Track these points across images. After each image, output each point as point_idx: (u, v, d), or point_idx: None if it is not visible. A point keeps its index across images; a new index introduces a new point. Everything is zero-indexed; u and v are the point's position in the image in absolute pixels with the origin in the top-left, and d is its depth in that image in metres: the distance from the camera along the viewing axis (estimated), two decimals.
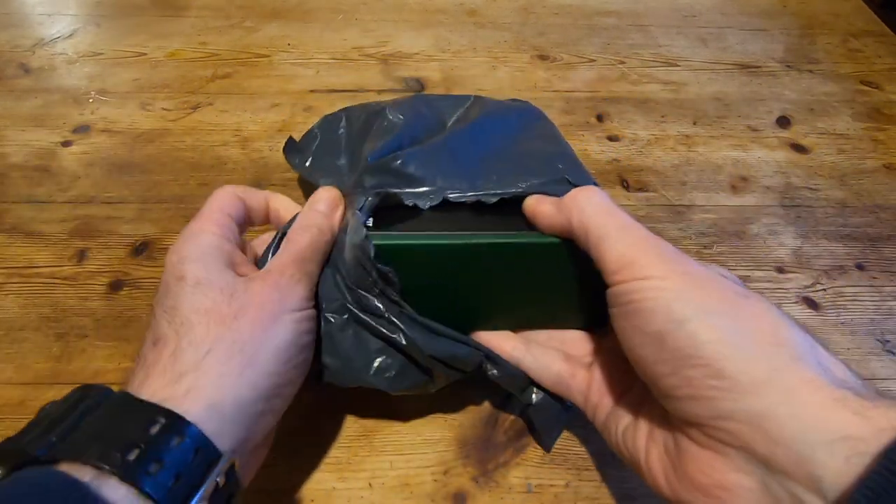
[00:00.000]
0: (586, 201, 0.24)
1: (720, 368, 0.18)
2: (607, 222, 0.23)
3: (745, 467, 0.18)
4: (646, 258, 0.21)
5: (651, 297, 0.20)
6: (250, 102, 0.50)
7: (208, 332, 0.22)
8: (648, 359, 0.21)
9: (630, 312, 0.21)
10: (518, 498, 0.29)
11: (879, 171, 0.46)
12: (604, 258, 0.22)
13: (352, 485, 0.29)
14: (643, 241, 0.22)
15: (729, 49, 0.58)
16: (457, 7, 0.63)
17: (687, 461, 0.20)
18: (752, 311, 0.20)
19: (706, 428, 0.19)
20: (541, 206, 0.26)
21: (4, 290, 0.36)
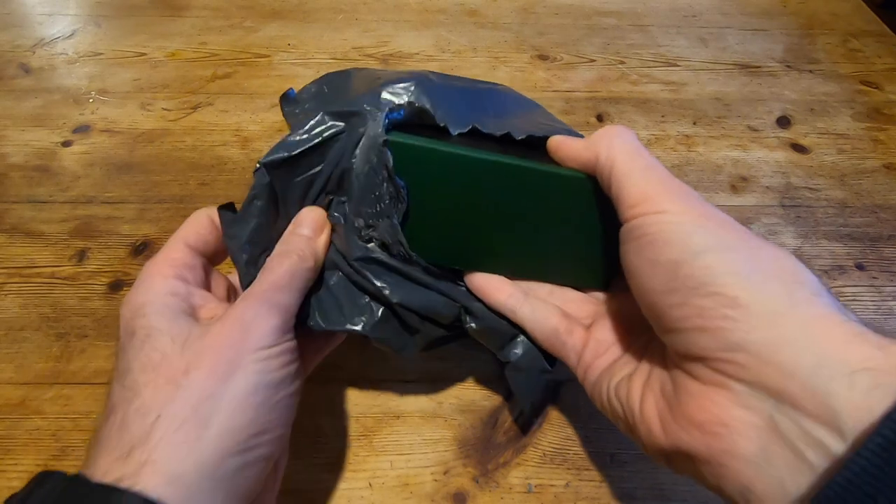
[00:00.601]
0: (617, 137, 0.24)
1: (734, 297, 0.18)
2: (633, 159, 0.22)
3: (751, 402, 0.17)
4: (666, 194, 0.21)
5: (668, 228, 0.20)
6: (250, 102, 0.50)
7: (156, 394, 0.20)
8: (658, 288, 0.20)
9: (644, 245, 0.20)
10: (518, 498, 0.29)
11: (879, 171, 0.46)
12: (623, 193, 0.22)
13: (352, 485, 0.29)
14: (666, 181, 0.22)
15: (729, 49, 0.58)
16: (457, 7, 0.63)
17: (686, 399, 0.19)
18: (771, 252, 0.19)
19: (712, 361, 0.18)
20: (567, 141, 0.26)
21: (4, 290, 0.36)
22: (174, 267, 0.24)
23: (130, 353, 0.21)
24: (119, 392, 0.20)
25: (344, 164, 0.27)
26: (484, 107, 0.31)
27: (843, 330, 0.17)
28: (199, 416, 0.19)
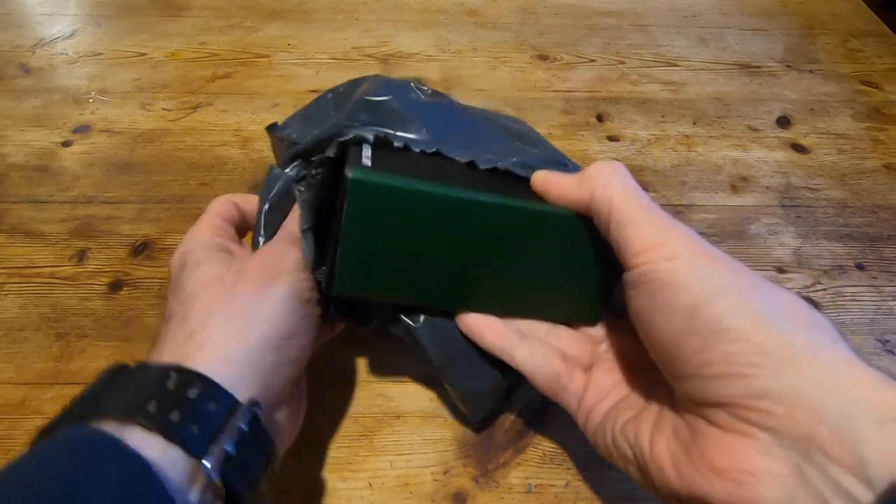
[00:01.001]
0: (610, 177, 0.23)
1: (760, 343, 0.17)
2: (632, 202, 0.22)
3: (776, 451, 0.17)
4: (674, 241, 0.20)
5: (682, 273, 0.20)
6: (250, 102, 0.50)
7: (212, 297, 0.24)
8: (675, 333, 0.19)
9: (656, 289, 0.20)
10: (518, 498, 0.29)
11: (879, 171, 0.46)
12: (627, 239, 0.21)
13: (352, 485, 0.29)
14: (670, 224, 0.21)
15: (729, 49, 0.58)
16: (457, 7, 0.63)
17: (704, 445, 0.19)
18: (785, 295, 0.19)
19: (735, 408, 0.18)
20: (555, 178, 0.25)
21: (4, 290, 0.36)
22: (215, 227, 0.28)
23: (183, 277, 0.25)
24: (175, 304, 0.25)
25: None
26: (467, 122, 0.30)
27: (868, 375, 0.17)
28: (249, 311, 0.24)
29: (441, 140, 0.28)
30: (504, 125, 0.33)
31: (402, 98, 0.29)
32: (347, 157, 0.24)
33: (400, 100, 0.29)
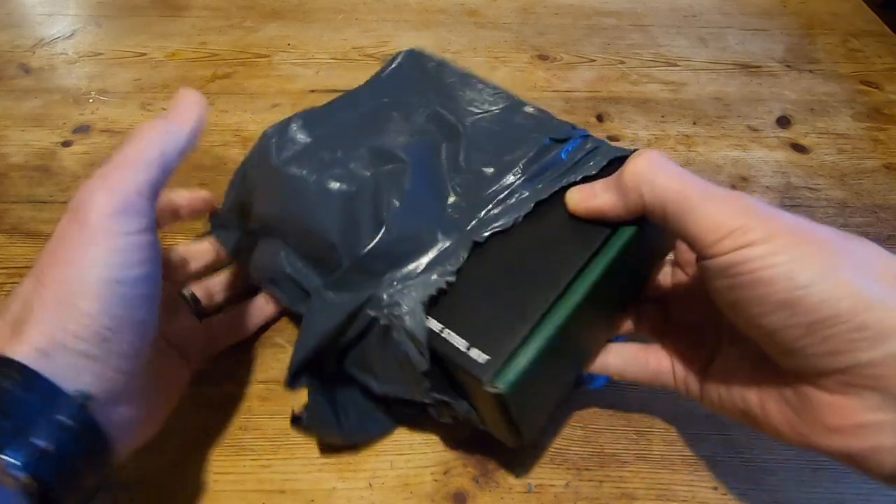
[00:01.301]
0: (653, 173, 0.22)
1: (861, 321, 0.18)
2: (685, 190, 0.21)
3: (885, 405, 0.19)
4: (742, 222, 0.20)
5: (767, 265, 0.19)
6: (250, 102, 0.50)
7: (26, 282, 0.22)
8: (776, 325, 0.20)
9: (745, 284, 0.20)
10: (518, 498, 0.29)
11: (879, 171, 0.46)
12: (694, 230, 0.21)
13: (352, 485, 0.29)
14: (732, 203, 0.21)
15: (729, 49, 0.58)
16: (457, 7, 0.63)
17: (815, 408, 0.20)
18: (863, 253, 0.20)
19: (843, 377, 0.19)
20: (595, 197, 0.25)
21: (4, 291, 0.36)
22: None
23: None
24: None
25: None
26: (440, 171, 0.30)
27: None
28: (57, 301, 0.20)
29: (445, 228, 0.27)
30: (487, 130, 0.32)
31: (393, 227, 0.27)
32: (443, 353, 0.24)
33: (393, 235, 0.27)
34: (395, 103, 0.33)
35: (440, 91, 0.34)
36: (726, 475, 0.29)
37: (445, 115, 0.32)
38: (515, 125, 0.32)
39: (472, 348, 0.23)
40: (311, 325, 0.26)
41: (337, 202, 0.28)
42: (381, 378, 0.27)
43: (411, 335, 0.24)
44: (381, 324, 0.25)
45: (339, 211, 0.27)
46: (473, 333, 0.24)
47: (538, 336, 0.23)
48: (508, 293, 0.25)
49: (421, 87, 0.34)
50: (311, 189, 0.28)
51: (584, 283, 0.24)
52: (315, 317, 0.26)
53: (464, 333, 0.24)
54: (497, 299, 0.25)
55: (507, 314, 0.24)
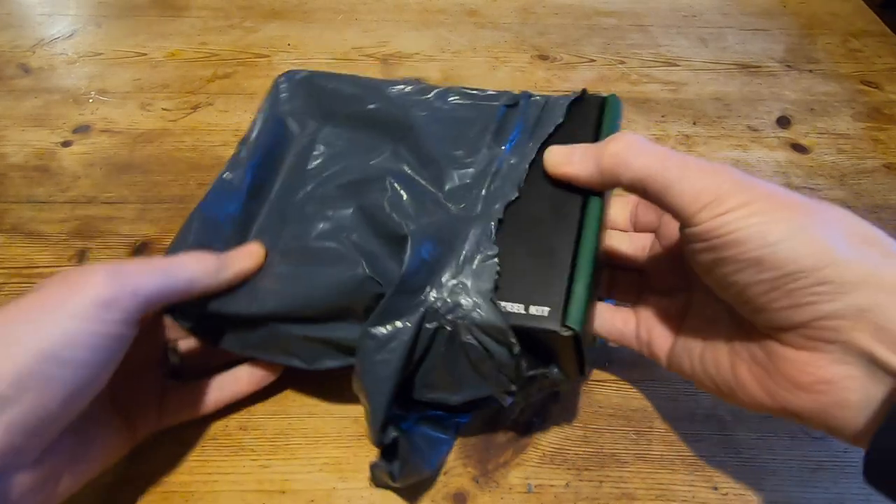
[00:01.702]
0: (630, 154, 0.23)
1: (823, 275, 0.19)
2: (664, 167, 0.22)
3: (847, 358, 0.19)
4: (722, 190, 0.21)
5: (741, 226, 0.20)
6: (250, 102, 0.50)
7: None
8: (745, 281, 0.21)
9: (720, 245, 0.21)
10: (518, 498, 0.29)
11: (879, 171, 0.46)
12: (676, 202, 0.22)
13: (352, 485, 0.29)
14: (710, 174, 0.22)
15: (729, 49, 0.58)
16: (457, 7, 0.63)
17: (783, 364, 0.21)
18: (834, 215, 0.21)
19: (805, 330, 0.20)
20: (571, 164, 0.26)
21: (4, 291, 0.36)
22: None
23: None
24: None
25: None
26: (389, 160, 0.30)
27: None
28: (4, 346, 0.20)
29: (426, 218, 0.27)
30: (434, 117, 0.31)
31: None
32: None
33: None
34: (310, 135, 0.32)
35: (357, 99, 0.33)
36: (726, 475, 0.29)
37: (389, 115, 0.31)
38: (458, 105, 0.32)
39: (530, 307, 0.24)
40: (376, 369, 0.24)
41: (346, 253, 0.27)
42: (459, 387, 0.26)
43: (486, 327, 0.24)
44: (446, 331, 0.25)
45: (351, 256, 0.26)
46: (522, 295, 0.24)
47: (579, 273, 0.24)
48: (530, 248, 0.25)
49: (331, 104, 0.33)
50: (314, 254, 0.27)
51: (591, 227, 0.26)
52: (376, 357, 0.24)
53: (513, 298, 0.24)
54: (522, 258, 0.25)
55: (539, 267, 0.25)
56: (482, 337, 0.24)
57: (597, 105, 0.30)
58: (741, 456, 0.30)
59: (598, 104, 0.30)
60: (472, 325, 0.24)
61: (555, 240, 0.25)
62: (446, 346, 0.25)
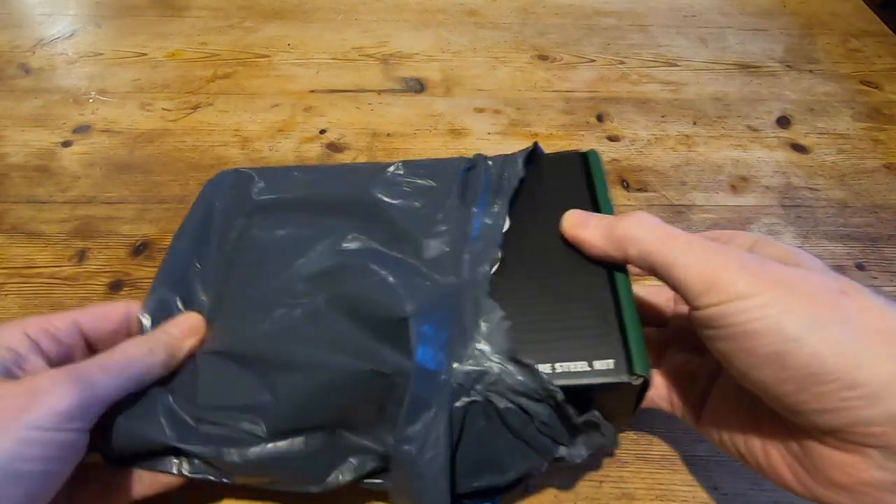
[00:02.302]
0: (640, 231, 0.23)
1: (852, 379, 0.18)
2: (670, 247, 0.22)
3: (889, 464, 0.18)
4: (729, 274, 0.20)
5: (755, 317, 0.19)
6: (250, 102, 0.50)
7: None
8: (768, 380, 0.20)
9: (736, 335, 0.20)
10: (518, 498, 0.29)
11: (879, 171, 0.46)
12: (681, 283, 0.21)
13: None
14: (717, 256, 0.21)
15: (729, 49, 0.58)
16: (457, 7, 0.63)
17: (821, 463, 0.20)
18: (857, 306, 0.19)
19: (843, 434, 0.19)
20: (586, 228, 0.25)
21: (4, 290, 0.36)
22: (42, 329, 0.23)
23: None
24: None
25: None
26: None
27: None
28: None
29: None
30: (390, 192, 0.30)
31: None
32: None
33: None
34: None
35: (305, 185, 0.31)
36: (726, 475, 0.29)
37: (346, 197, 0.30)
38: (416, 175, 0.30)
39: (594, 362, 0.23)
40: (425, 472, 0.22)
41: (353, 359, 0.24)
42: (505, 465, 0.24)
43: (519, 387, 0.22)
44: (479, 405, 0.23)
45: (348, 351, 0.24)
46: (579, 351, 0.23)
47: (627, 319, 0.23)
48: (564, 304, 0.24)
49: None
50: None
51: (621, 272, 0.25)
52: (423, 459, 0.22)
53: (573, 357, 0.23)
54: (559, 314, 0.24)
55: (584, 320, 0.24)
56: (518, 399, 0.23)
57: (579, 162, 0.30)
58: None
59: (580, 161, 0.30)
60: (505, 389, 0.22)
61: (588, 291, 0.24)
62: (484, 422, 0.23)
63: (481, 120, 0.49)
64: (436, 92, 0.52)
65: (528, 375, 0.22)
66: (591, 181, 0.28)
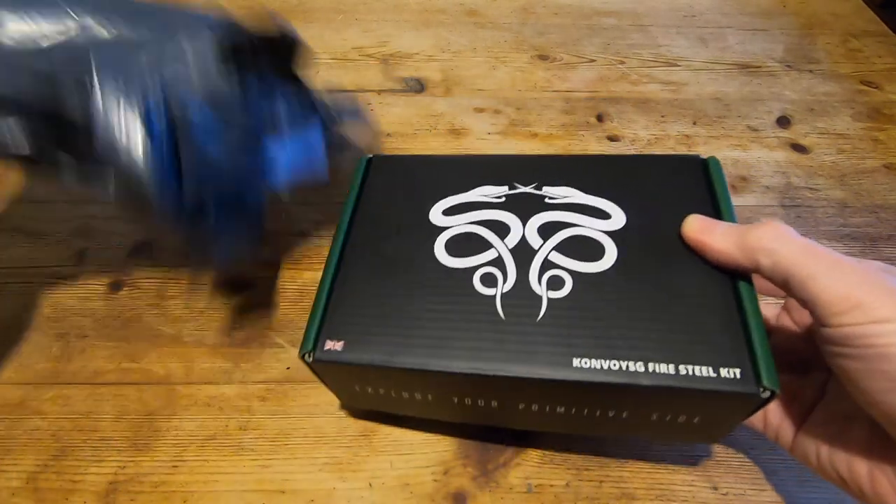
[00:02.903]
0: (777, 243, 0.22)
1: None
2: (813, 259, 0.21)
3: None
4: (873, 297, 0.20)
5: (892, 342, 0.19)
6: None
7: None
8: (890, 399, 0.19)
9: (872, 356, 0.20)
10: (518, 498, 0.29)
11: (879, 171, 0.46)
12: (818, 298, 0.21)
13: (352, 485, 0.29)
14: (863, 278, 0.20)
15: (729, 49, 0.58)
16: (457, 7, 0.63)
17: None
18: None
19: None
20: (713, 235, 0.24)
21: (4, 291, 0.36)
22: None
23: None
24: None
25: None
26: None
27: None
28: None
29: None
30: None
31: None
32: None
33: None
34: None
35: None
36: (726, 475, 0.29)
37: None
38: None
39: (721, 368, 0.22)
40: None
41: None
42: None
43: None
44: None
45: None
46: (703, 355, 0.22)
47: (753, 328, 0.23)
48: (682, 304, 0.24)
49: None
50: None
51: (745, 280, 0.24)
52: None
53: (699, 360, 0.22)
54: (675, 314, 0.24)
55: (705, 322, 0.23)
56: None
57: (700, 168, 0.29)
58: (741, 456, 0.30)
59: (701, 166, 0.29)
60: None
61: (711, 296, 0.24)
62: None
63: (481, 120, 0.49)
64: (436, 92, 0.52)
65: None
66: (711, 188, 0.28)
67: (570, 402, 0.24)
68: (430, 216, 0.28)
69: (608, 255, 0.26)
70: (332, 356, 0.24)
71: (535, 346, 0.23)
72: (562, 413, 0.25)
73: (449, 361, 0.23)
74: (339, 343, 0.24)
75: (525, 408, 0.25)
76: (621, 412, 0.24)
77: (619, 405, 0.24)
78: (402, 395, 0.26)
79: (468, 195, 0.29)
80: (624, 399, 0.23)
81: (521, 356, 0.23)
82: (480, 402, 0.25)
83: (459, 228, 0.27)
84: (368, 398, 0.27)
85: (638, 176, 0.29)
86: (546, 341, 0.23)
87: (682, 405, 0.23)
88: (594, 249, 0.26)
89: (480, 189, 0.29)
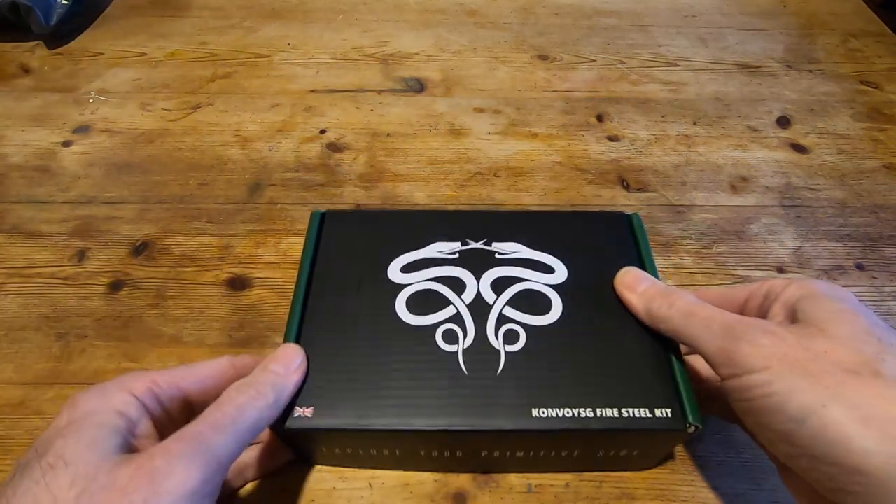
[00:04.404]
0: (670, 312, 0.25)
1: (857, 466, 0.18)
2: (691, 324, 0.24)
3: None
4: (739, 348, 0.21)
5: (764, 393, 0.20)
6: (250, 102, 0.50)
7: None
8: (786, 453, 0.20)
9: (752, 409, 0.21)
10: (518, 498, 0.29)
11: (879, 171, 0.46)
12: (705, 355, 0.23)
13: (352, 485, 0.29)
14: (734, 331, 0.22)
15: (729, 49, 0.58)
16: (457, 7, 0.63)
17: None
18: (867, 392, 0.19)
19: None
20: (633, 304, 0.27)
21: (4, 290, 0.36)
22: (148, 389, 0.22)
23: (26, 478, 0.18)
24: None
25: None
26: None
27: None
28: None
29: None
30: None
31: None
32: None
33: None
34: None
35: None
36: (726, 475, 0.29)
37: None
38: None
39: (655, 409, 0.24)
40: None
41: None
42: None
43: None
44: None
45: None
46: (639, 398, 0.25)
47: (677, 371, 0.25)
48: (619, 352, 0.26)
49: None
50: None
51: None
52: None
53: (635, 403, 0.25)
54: (613, 361, 0.26)
55: (639, 366, 0.26)
56: None
57: (626, 223, 0.32)
58: (741, 456, 0.30)
59: (626, 222, 0.32)
60: None
61: (642, 343, 0.26)
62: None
63: (481, 120, 0.49)
64: (436, 92, 0.52)
65: None
66: (636, 241, 0.31)
67: (528, 446, 0.26)
68: (388, 273, 0.29)
69: (555, 308, 0.28)
70: (303, 423, 0.24)
71: (498, 399, 0.25)
72: (521, 456, 0.27)
73: (420, 420, 0.24)
74: (309, 409, 0.24)
75: (487, 454, 0.27)
76: (573, 452, 0.27)
77: (571, 446, 0.26)
78: (371, 452, 0.27)
79: (424, 251, 0.30)
80: (576, 441, 0.26)
81: (486, 409, 0.24)
82: (446, 454, 0.27)
83: (419, 286, 0.29)
84: (337, 458, 0.28)
85: (575, 231, 0.31)
86: (507, 394, 0.25)
87: (624, 442, 0.26)
88: (542, 303, 0.28)
89: (435, 245, 0.30)
